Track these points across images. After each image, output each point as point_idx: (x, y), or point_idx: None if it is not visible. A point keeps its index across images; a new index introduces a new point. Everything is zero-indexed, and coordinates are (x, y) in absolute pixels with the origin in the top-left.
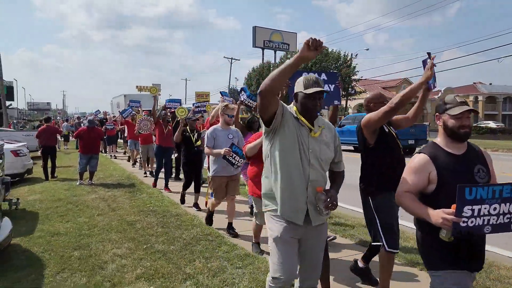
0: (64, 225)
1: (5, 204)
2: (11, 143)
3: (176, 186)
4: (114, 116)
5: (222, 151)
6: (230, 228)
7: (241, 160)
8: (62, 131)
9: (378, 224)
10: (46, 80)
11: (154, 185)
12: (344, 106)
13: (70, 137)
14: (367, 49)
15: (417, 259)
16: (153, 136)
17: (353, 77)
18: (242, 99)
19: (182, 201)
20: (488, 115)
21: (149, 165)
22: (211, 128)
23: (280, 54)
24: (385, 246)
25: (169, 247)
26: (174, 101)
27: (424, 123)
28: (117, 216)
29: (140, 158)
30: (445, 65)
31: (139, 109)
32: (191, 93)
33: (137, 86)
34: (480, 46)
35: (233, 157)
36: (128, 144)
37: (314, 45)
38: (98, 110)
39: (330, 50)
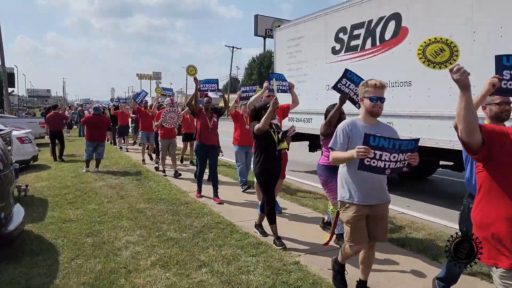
0: (74, 212)
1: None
2: (17, 129)
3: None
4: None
5: (354, 152)
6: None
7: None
8: (69, 117)
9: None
10: (46, 68)
11: (199, 194)
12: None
13: (74, 125)
14: None
15: (427, 249)
16: (176, 129)
17: None
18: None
19: (264, 232)
20: None
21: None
22: (346, 122)
23: None
24: None
25: (181, 234)
26: (210, 82)
27: None
28: (127, 204)
29: (156, 154)
30: None
31: (169, 99)
32: (192, 82)
33: (137, 74)
34: None
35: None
36: (140, 136)
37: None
38: (117, 99)
39: None
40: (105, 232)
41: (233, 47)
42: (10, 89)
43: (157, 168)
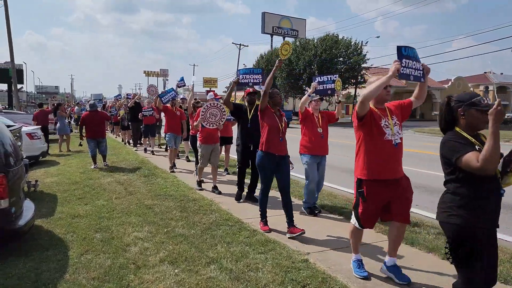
0: (83, 208)
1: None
2: (26, 126)
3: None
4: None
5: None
6: None
7: None
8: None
9: None
10: (53, 63)
11: (267, 227)
12: (353, 94)
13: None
14: (378, 37)
15: (436, 248)
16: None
17: (363, 65)
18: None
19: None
20: None
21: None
22: None
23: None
24: None
25: (190, 231)
26: (253, 72)
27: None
28: (135, 200)
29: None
30: (457, 53)
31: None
32: (199, 79)
33: (144, 71)
34: (492, 35)
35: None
36: (167, 139)
37: None
38: (119, 94)
39: (340, 37)
40: (114, 228)
41: (240, 44)
42: (19, 86)
43: (200, 183)
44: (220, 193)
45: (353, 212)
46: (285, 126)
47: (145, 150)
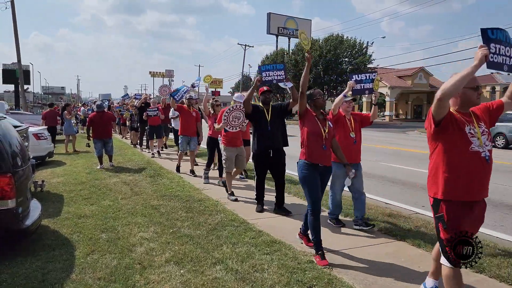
0: (89, 208)
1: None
2: (33, 126)
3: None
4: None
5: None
6: None
7: None
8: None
9: None
10: (59, 64)
11: (326, 262)
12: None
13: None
14: (384, 37)
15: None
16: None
17: (368, 66)
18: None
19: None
20: None
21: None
22: None
23: (293, 41)
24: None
25: (195, 231)
26: (275, 69)
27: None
28: (141, 200)
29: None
30: (463, 54)
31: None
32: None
33: (150, 72)
34: None
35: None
36: (180, 141)
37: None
38: (127, 94)
39: (345, 37)
40: (120, 228)
41: (245, 45)
42: (25, 86)
43: (232, 192)
44: (236, 199)
45: (440, 246)
46: (330, 131)
47: (153, 154)
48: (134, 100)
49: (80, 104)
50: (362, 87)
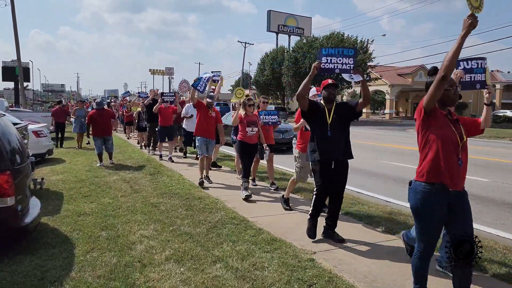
0: (89, 206)
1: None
2: (32, 123)
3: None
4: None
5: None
6: None
7: None
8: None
9: None
10: (60, 62)
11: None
12: (359, 92)
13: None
14: (384, 35)
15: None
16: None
17: (368, 63)
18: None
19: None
20: (505, 104)
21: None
22: None
23: (294, 39)
24: None
25: (195, 229)
26: (339, 53)
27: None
28: (141, 198)
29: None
30: (463, 52)
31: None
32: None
33: (150, 70)
34: (500, 34)
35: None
36: (197, 144)
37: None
38: (128, 92)
39: (346, 35)
40: (120, 226)
41: (245, 42)
42: (25, 84)
43: (288, 201)
44: (291, 209)
45: None
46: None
47: (161, 156)
48: (138, 97)
49: (91, 100)
50: (472, 79)
